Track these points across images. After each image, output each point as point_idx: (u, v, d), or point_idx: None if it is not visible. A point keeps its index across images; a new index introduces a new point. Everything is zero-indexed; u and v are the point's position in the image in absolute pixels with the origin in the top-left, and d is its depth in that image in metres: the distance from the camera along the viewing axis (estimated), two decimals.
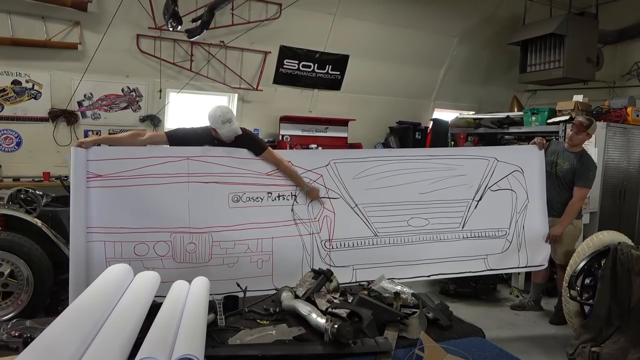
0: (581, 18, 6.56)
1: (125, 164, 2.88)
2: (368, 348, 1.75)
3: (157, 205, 2.96)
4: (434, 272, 3.60)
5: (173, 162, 2.98)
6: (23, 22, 5.02)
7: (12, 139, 5.36)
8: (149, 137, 3.12)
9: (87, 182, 2.79)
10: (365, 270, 3.32)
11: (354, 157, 3.50)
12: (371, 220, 3.44)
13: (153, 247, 2.92)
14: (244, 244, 3.12)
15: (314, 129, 6.93)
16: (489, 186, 3.72)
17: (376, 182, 3.46)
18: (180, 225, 2.99)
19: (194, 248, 3.01)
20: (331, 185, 3.37)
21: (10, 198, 3.85)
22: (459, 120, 7.04)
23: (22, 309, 3.38)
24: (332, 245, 3.35)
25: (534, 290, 4.38)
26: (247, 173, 3.15)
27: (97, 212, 2.83)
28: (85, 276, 2.73)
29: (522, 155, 3.87)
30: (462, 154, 3.86)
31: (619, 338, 3.13)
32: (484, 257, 3.72)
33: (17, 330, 1.76)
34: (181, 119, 6.11)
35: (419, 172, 3.57)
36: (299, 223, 3.28)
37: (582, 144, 4.06)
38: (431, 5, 6.67)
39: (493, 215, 3.73)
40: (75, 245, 2.76)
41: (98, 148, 2.86)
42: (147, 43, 5.64)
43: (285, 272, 3.07)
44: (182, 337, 1.54)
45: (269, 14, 5.98)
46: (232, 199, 3.12)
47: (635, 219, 5.40)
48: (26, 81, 5.28)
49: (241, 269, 3.03)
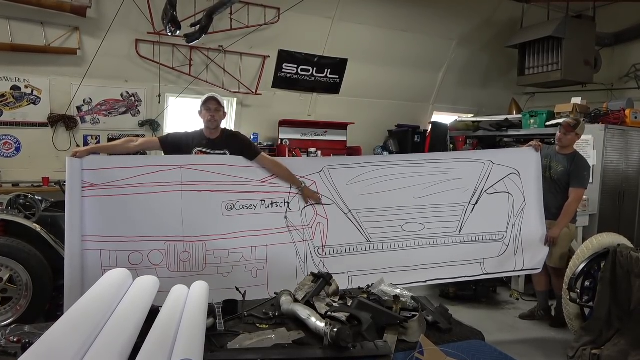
0: (579, 21, 6.59)
1: (119, 173, 2.88)
2: (367, 352, 1.75)
3: (151, 214, 2.93)
4: (430, 277, 3.57)
5: (166, 171, 2.96)
6: (22, 27, 5.05)
7: (12, 145, 5.36)
8: (141, 142, 3.15)
9: (82, 191, 2.79)
10: (361, 276, 3.26)
11: (347, 163, 3.49)
12: (364, 226, 3.42)
13: (147, 256, 2.90)
14: (238, 252, 3.09)
15: (313, 133, 6.95)
16: (485, 189, 3.70)
17: (370, 188, 3.44)
18: (174, 234, 2.96)
19: (188, 257, 2.98)
20: (324, 191, 3.35)
21: (10, 203, 3.86)
22: (458, 123, 7.06)
23: (21, 314, 3.36)
24: (325, 252, 3.33)
25: (540, 299, 4.29)
26: (241, 181, 3.13)
27: (92, 221, 2.82)
28: (81, 284, 2.72)
29: (519, 157, 3.86)
30: (457, 158, 3.85)
31: (619, 340, 3.13)
32: (480, 262, 3.70)
33: (16, 335, 1.75)
34: (180, 124, 6.12)
35: (414, 177, 3.55)
36: (292, 230, 3.26)
37: (572, 145, 4.04)
38: (429, 9, 6.70)
39: (490, 219, 3.71)
40: (70, 253, 2.75)
41: (92, 157, 2.85)
42: (146, 48, 5.66)
43: (280, 281, 3.00)
44: (181, 341, 1.54)
45: (268, 19, 6.00)
46: (226, 207, 3.09)
47: (635, 221, 5.41)
48: (25, 87, 5.29)
49: (236, 278, 2.93)
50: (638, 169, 5.34)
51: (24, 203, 3.88)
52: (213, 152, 3.17)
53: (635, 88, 6.93)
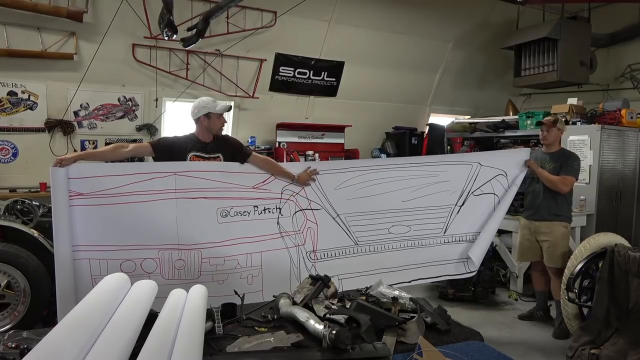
0: (574, 22, 6.63)
1: (108, 181, 2.80)
2: (366, 353, 1.75)
3: (144, 222, 2.87)
4: (414, 277, 3.61)
5: (159, 178, 2.90)
6: (19, 33, 5.04)
7: (9, 150, 5.35)
8: (132, 148, 3.05)
9: (69, 200, 2.70)
10: (350, 279, 3.30)
11: (335, 169, 3.48)
12: (352, 230, 3.44)
13: (140, 264, 2.86)
14: (234, 259, 3.07)
15: (311, 136, 6.95)
16: (472, 191, 3.74)
17: (358, 192, 3.45)
18: (169, 242, 2.92)
19: (182, 265, 2.95)
20: (313, 196, 3.35)
21: (7, 209, 3.85)
22: (455, 124, 7.08)
23: (19, 320, 3.36)
24: (316, 256, 3.34)
25: (539, 300, 4.28)
26: (235, 187, 3.10)
27: (81, 230, 2.74)
28: (74, 294, 2.66)
29: (508, 159, 3.90)
30: (445, 160, 3.86)
31: (618, 340, 3.13)
32: (464, 261, 3.75)
33: (14, 341, 1.74)
34: (178, 128, 6.12)
35: (401, 180, 3.56)
36: (284, 236, 3.26)
37: (557, 141, 4.03)
38: (425, 11, 6.72)
39: (474, 220, 3.75)
40: (60, 264, 2.69)
41: (79, 165, 2.75)
42: (142, 52, 5.66)
43: (274, 287, 2.95)
44: (180, 345, 1.54)
45: (264, 22, 6.02)
46: (221, 214, 3.06)
47: (632, 220, 5.42)
48: (22, 92, 5.28)
49: (231, 285, 2.84)
50: (634, 169, 5.36)
51: (22, 208, 3.87)
52: (207, 156, 3.16)
53: (631, 88, 6.97)
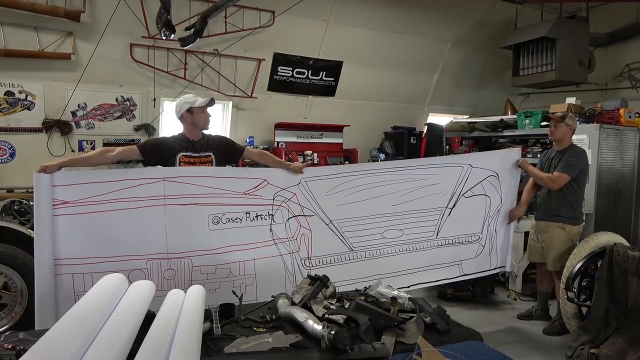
0: (572, 21, 6.62)
1: (95, 188, 2.69)
2: (365, 354, 1.74)
3: (131, 231, 2.78)
4: (412, 282, 3.59)
5: (148, 184, 2.81)
6: (16, 32, 5.01)
7: (6, 150, 5.33)
8: (119, 152, 2.95)
9: (53, 209, 2.58)
10: (346, 286, 3.22)
11: (324, 175, 3.44)
12: (346, 236, 3.42)
13: (128, 276, 2.75)
14: (226, 267, 2.99)
15: (309, 136, 6.95)
16: (462, 193, 3.73)
17: (348, 197, 3.42)
18: (158, 251, 2.83)
19: (172, 274, 2.86)
20: (305, 203, 3.31)
21: (4, 209, 3.85)
22: (454, 124, 7.09)
23: (16, 321, 3.35)
24: (312, 263, 3.31)
25: (540, 299, 4.28)
26: (226, 193, 3.01)
27: (65, 243, 2.63)
28: (54, 311, 2.55)
29: (499, 159, 3.89)
30: (435, 163, 3.83)
31: (617, 339, 3.13)
32: (458, 263, 3.75)
33: (10, 342, 1.73)
34: (176, 128, 6.09)
35: (392, 184, 3.54)
36: (278, 243, 3.21)
37: (567, 138, 3.95)
38: (423, 11, 6.71)
39: (466, 221, 3.76)
40: (40, 279, 2.56)
41: (64, 172, 2.65)
42: (140, 52, 5.64)
43: (269, 295, 2.84)
44: (177, 346, 1.53)
45: (262, 22, 6.00)
46: (212, 220, 2.97)
47: (630, 219, 5.42)
48: (19, 92, 5.26)
49: (224, 294, 2.71)
50: (633, 168, 5.36)
51: (19, 209, 3.87)
52: (197, 155, 3.11)
53: (629, 88, 6.97)
